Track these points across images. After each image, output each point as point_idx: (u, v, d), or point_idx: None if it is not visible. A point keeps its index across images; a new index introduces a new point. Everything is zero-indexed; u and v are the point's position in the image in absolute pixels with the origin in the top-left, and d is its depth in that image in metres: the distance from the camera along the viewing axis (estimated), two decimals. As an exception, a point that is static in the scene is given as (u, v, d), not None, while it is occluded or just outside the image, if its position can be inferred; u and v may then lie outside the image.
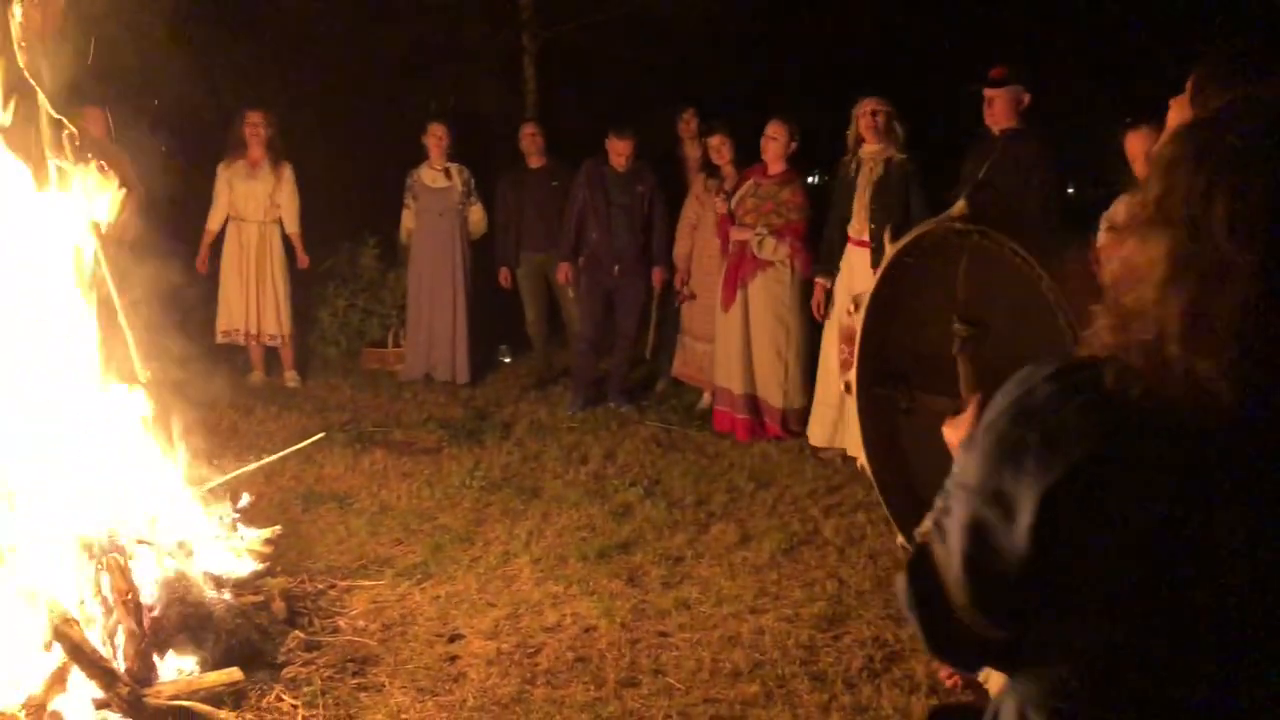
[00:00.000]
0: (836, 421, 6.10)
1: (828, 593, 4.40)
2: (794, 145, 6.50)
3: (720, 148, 6.86)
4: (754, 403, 6.65)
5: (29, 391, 3.73)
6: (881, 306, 2.84)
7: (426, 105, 9.61)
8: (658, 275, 7.33)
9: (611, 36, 10.39)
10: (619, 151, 7.12)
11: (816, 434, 6.26)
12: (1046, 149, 5.31)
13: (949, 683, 3.70)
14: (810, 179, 19.63)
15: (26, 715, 3.18)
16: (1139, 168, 4.15)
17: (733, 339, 6.62)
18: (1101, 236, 4.24)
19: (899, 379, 2.81)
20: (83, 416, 3.90)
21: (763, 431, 6.63)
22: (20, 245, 3.73)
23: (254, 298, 7.87)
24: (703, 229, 7.11)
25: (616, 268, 7.24)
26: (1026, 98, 5.37)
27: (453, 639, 4.02)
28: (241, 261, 7.83)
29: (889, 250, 2.77)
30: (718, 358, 6.83)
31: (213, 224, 7.84)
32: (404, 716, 3.49)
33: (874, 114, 5.95)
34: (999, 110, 5.39)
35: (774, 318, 6.54)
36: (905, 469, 2.87)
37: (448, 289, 8.01)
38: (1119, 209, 4.24)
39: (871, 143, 6.00)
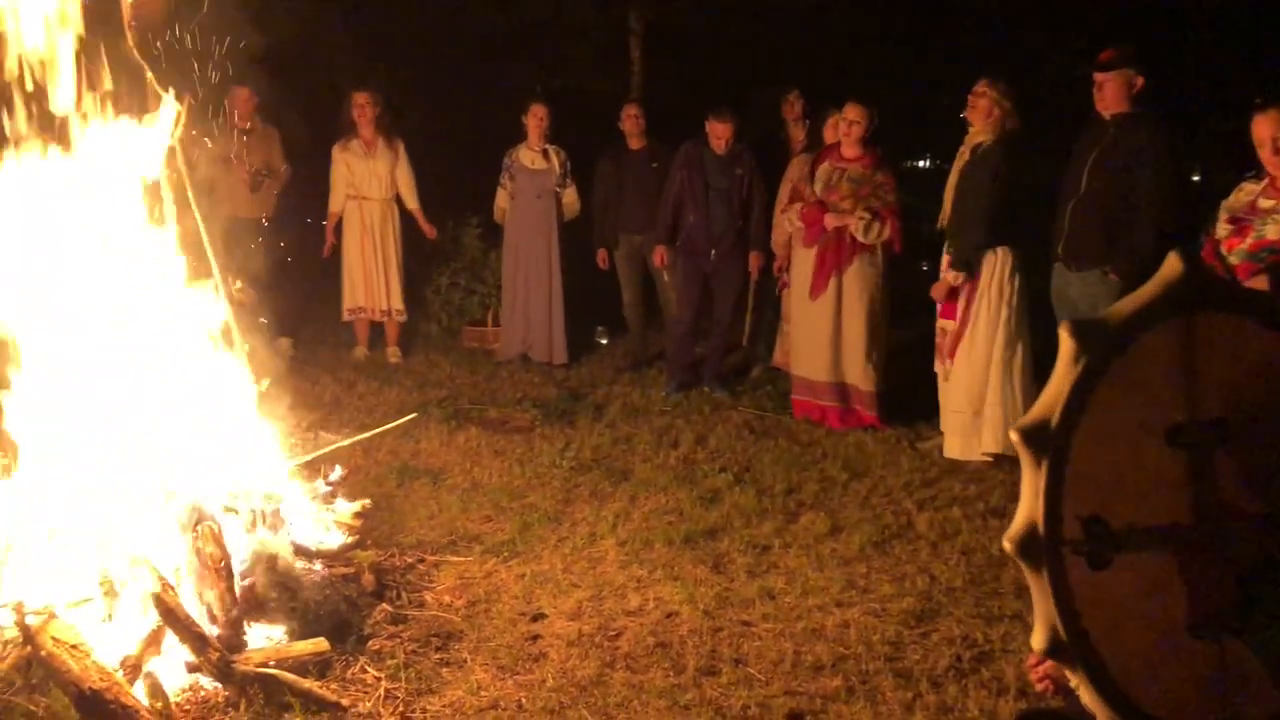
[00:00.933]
0: (970, 428, 5.89)
1: (918, 588, 4.30)
2: (873, 126, 6.35)
3: (839, 125, 6.64)
4: (843, 390, 6.54)
5: (135, 363, 3.86)
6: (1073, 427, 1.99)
7: (531, 85, 9.66)
8: (754, 260, 7.24)
9: (718, 16, 10.31)
10: (718, 134, 7.03)
11: (954, 446, 5.96)
12: (1160, 134, 5.07)
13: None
14: (921, 163, 19.17)
15: (124, 674, 3.29)
16: (1265, 154, 3.91)
17: (822, 326, 6.49)
18: (1221, 228, 4.02)
19: (1095, 525, 2.00)
20: (184, 386, 4.02)
21: (854, 419, 6.51)
22: (130, 223, 3.84)
23: (378, 274, 8.04)
24: (793, 211, 6.98)
25: (713, 252, 7.17)
26: (1139, 81, 5.12)
27: (535, 618, 4.04)
28: (365, 239, 8.00)
29: (1063, 340, 1.99)
30: (801, 345, 6.70)
31: (335, 206, 8.05)
32: (483, 693, 3.51)
33: (975, 95, 5.75)
34: (1109, 95, 5.15)
35: (867, 303, 6.42)
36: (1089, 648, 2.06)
37: (542, 270, 8.04)
38: (1239, 198, 4.02)
39: (973, 127, 5.82)
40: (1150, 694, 2.10)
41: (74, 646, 3.25)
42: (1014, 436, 2.00)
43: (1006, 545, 2.02)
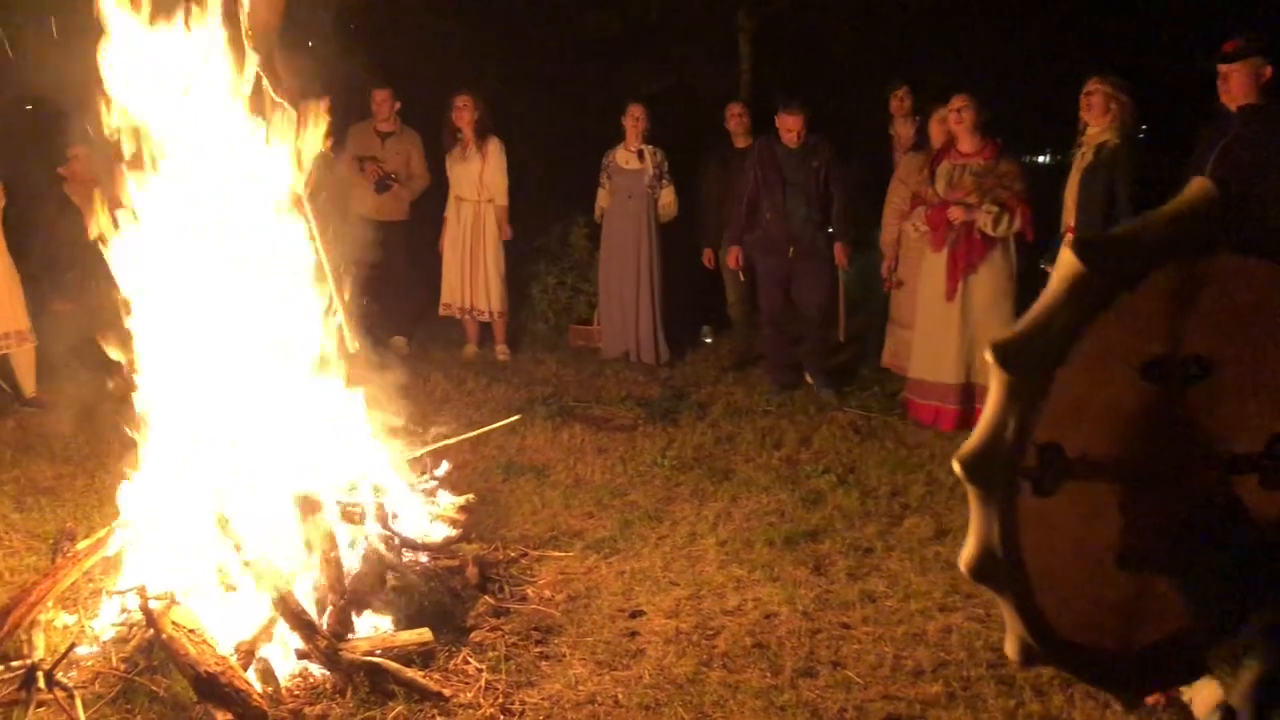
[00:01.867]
0: None
1: (1024, 595, 4.20)
2: (985, 115, 6.18)
3: (947, 118, 6.55)
4: (969, 391, 6.38)
5: (255, 359, 4.01)
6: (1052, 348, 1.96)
7: (639, 84, 9.70)
8: (839, 252, 7.08)
9: (828, 14, 10.20)
10: (788, 127, 6.92)
11: None
12: None
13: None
14: (1040, 158, 18.64)
15: (238, 659, 3.42)
16: None
17: (952, 329, 6.30)
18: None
19: (1050, 452, 1.99)
20: (299, 382, 4.17)
21: (974, 419, 6.36)
22: (244, 220, 3.99)
23: (468, 274, 8.20)
24: (917, 215, 6.84)
25: (792, 249, 7.04)
26: (1268, 70, 4.91)
27: (634, 615, 4.07)
28: (460, 239, 8.18)
29: (1067, 262, 1.95)
30: (924, 348, 6.54)
31: (448, 210, 8.25)
32: (581, 687, 3.56)
33: (1088, 94, 5.59)
34: (1235, 86, 4.95)
35: (1001, 299, 6.24)
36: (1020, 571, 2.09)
37: (637, 271, 8.07)
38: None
39: (1091, 124, 5.65)
40: (1066, 618, 2.13)
41: (192, 631, 3.41)
42: (990, 355, 1.95)
43: (955, 466, 2.00)
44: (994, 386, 1.99)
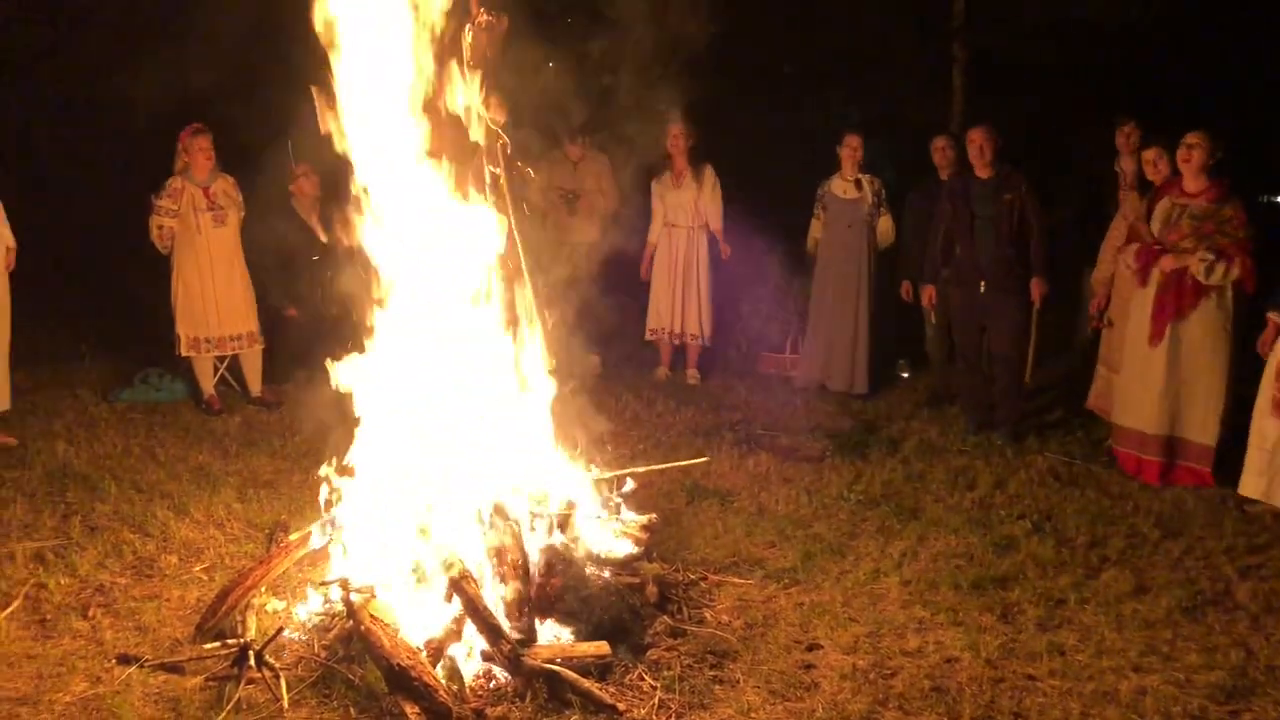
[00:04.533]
0: (1273, 471, 5.41)
1: (1230, 662, 3.94)
2: (1216, 155, 5.83)
3: (1157, 163, 6.30)
4: (1171, 445, 6.05)
5: (459, 373, 4.22)
6: None
7: (845, 114, 9.66)
8: (1036, 287, 6.74)
9: (1045, 44, 9.87)
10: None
11: (1249, 484, 5.55)
12: None
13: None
14: (1265, 198, 17.41)
15: (427, 655, 3.60)
16: None
17: (1155, 376, 6.00)
18: None
19: None
20: (501, 396, 4.35)
21: (1178, 475, 6.02)
22: (449, 241, 4.21)
23: (679, 299, 8.35)
24: (1129, 252, 6.53)
25: (983, 284, 6.78)
26: None
27: (811, 648, 4.04)
28: (671, 265, 8.33)
29: None
30: (1129, 394, 6.23)
31: (652, 236, 8.45)
32: (753, 715, 3.56)
33: None
34: None
35: (1212, 349, 5.89)
36: None
37: (850, 300, 8.02)
38: None
39: None
40: None
41: (388, 625, 3.60)
42: None
43: None
44: None
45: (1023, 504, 5.69)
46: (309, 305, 7.57)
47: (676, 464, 5.82)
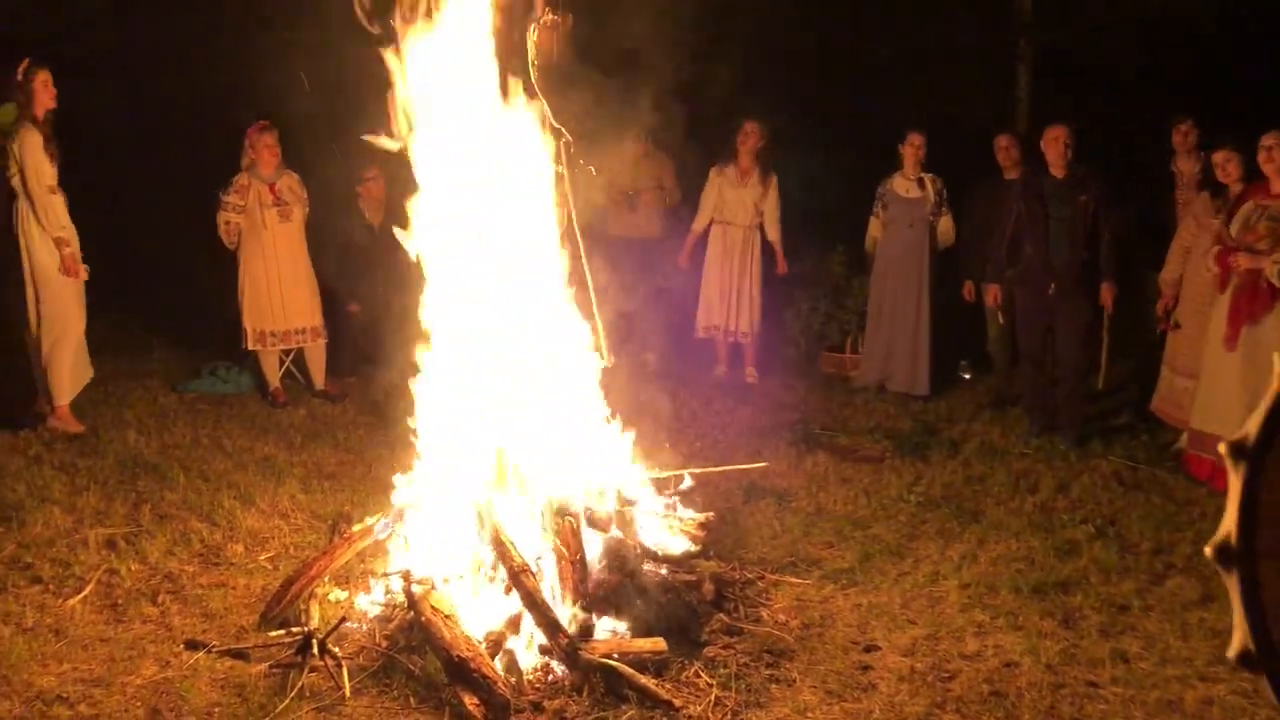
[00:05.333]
0: None
1: (1300, 674, 3.85)
2: None
3: (1226, 164, 6.17)
4: None
5: (520, 371, 4.26)
6: None
7: (908, 112, 9.55)
8: (1106, 291, 6.63)
9: (1113, 42, 9.70)
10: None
11: None
12: None
13: None
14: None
15: (486, 647, 3.64)
16: None
17: (1229, 380, 5.87)
18: None
19: None
20: (560, 393, 4.39)
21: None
22: (516, 241, 4.26)
23: (732, 296, 8.35)
24: (1195, 253, 6.41)
25: (1052, 286, 6.65)
26: None
27: (868, 649, 4.03)
28: (725, 263, 8.32)
29: None
30: (1206, 397, 6.10)
31: (698, 226, 8.42)
32: (809, 714, 3.56)
33: None
34: None
35: None
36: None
37: (911, 300, 7.96)
38: None
39: None
40: None
41: (449, 617, 3.65)
42: (1222, 449, 1.92)
43: (1206, 551, 1.94)
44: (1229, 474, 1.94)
45: (1085, 508, 5.61)
46: (370, 303, 7.68)
47: (734, 467, 5.81)
